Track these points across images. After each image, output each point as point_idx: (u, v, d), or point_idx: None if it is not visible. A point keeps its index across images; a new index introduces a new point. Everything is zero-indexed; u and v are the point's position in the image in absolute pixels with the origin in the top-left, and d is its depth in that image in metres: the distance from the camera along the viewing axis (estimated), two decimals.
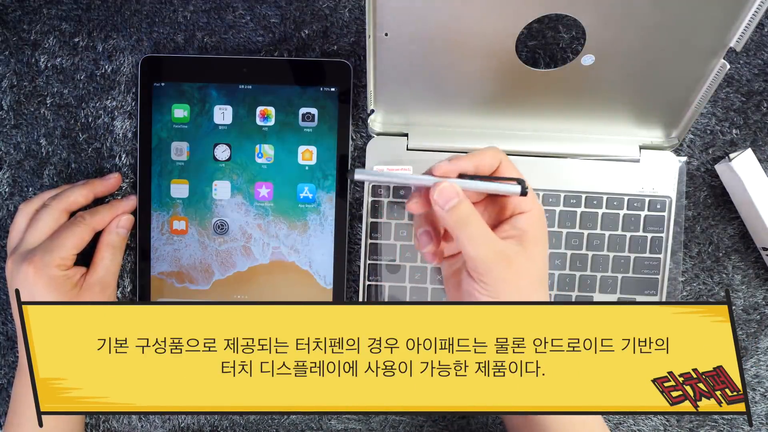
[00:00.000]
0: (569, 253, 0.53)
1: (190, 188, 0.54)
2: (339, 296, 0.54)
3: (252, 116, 0.54)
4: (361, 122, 0.55)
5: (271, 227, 0.54)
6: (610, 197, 0.53)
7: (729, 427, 0.56)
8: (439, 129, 0.53)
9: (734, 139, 0.56)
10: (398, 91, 0.50)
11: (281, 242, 0.54)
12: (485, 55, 0.46)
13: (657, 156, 0.53)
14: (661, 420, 0.56)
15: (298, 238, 0.54)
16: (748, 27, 0.42)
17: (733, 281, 0.56)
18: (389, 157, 0.53)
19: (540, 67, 0.55)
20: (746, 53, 0.55)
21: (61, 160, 0.56)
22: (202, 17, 0.56)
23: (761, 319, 0.56)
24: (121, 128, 0.56)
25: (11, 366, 0.56)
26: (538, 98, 0.50)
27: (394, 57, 0.46)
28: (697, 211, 0.56)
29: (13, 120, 0.56)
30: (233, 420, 0.56)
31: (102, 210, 0.52)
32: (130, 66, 0.56)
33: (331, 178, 0.54)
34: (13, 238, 0.51)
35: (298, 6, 0.55)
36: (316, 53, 0.56)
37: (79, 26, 0.56)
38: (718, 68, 0.46)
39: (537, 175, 0.53)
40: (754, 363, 0.56)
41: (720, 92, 0.55)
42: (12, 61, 0.56)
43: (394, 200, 0.53)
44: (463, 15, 0.43)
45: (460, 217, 0.40)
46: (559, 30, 0.55)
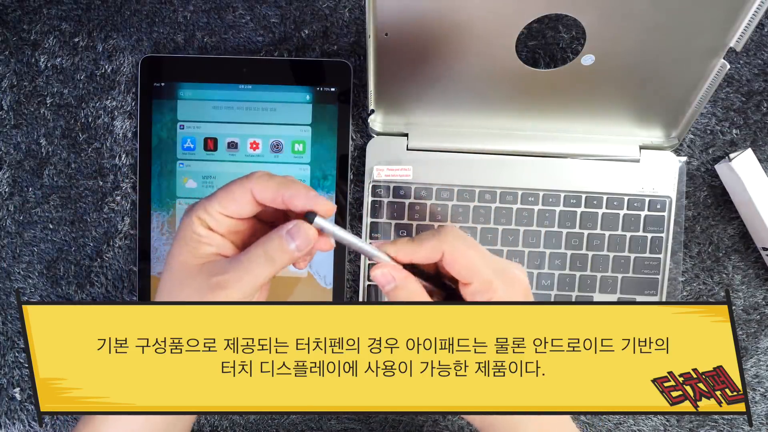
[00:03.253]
0: (569, 253, 0.53)
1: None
2: (339, 296, 0.54)
3: (252, 116, 0.54)
4: (361, 122, 0.55)
5: None
6: (610, 197, 0.53)
7: (729, 427, 0.56)
8: (439, 129, 0.53)
9: (734, 139, 0.56)
10: (398, 91, 0.50)
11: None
12: (485, 55, 0.46)
13: (657, 156, 0.53)
14: (661, 420, 0.56)
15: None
16: (748, 27, 0.42)
17: (733, 281, 0.56)
18: (389, 157, 0.53)
19: (540, 67, 0.55)
20: (746, 53, 0.55)
21: (61, 160, 0.56)
22: (202, 17, 0.56)
23: (761, 319, 0.56)
24: (121, 128, 0.56)
25: (11, 366, 0.56)
26: (538, 98, 0.50)
27: (394, 57, 0.46)
28: (697, 211, 0.56)
29: (13, 120, 0.56)
30: (233, 420, 0.56)
31: (284, 183, 0.37)
32: (130, 66, 0.56)
33: (331, 178, 0.54)
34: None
35: (298, 6, 0.55)
36: (316, 53, 0.56)
37: (79, 26, 0.56)
38: (718, 68, 0.46)
39: (537, 175, 0.53)
40: (754, 363, 0.56)
41: (720, 92, 0.55)
42: (12, 61, 0.56)
43: (394, 200, 0.53)
44: (463, 15, 0.43)
45: (399, 300, 0.38)
46: (559, 30, 0.55)
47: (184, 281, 0.37)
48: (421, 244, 0.37)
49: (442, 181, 0.53)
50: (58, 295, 0.56)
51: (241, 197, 0.37)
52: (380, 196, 0.53)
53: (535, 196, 0.53)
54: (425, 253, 0.37)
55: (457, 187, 0.53)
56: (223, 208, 0.37)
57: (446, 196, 0.53)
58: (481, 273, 0.36)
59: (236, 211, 0.37)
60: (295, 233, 0.36)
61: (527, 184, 0.53)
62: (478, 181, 0.53)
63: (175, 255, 0.38)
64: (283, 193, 0.36)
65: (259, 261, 0.37)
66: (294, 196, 0.36)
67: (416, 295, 0.37)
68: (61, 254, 0.56)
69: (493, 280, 0.36)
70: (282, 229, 0.37)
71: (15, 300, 0.56)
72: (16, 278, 0.56)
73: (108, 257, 0.56)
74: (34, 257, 0.56)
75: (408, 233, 0.53)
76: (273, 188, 0.36)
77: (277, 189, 0.36)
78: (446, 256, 0.37)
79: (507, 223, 0.53)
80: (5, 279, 0.56)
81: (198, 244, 0.37)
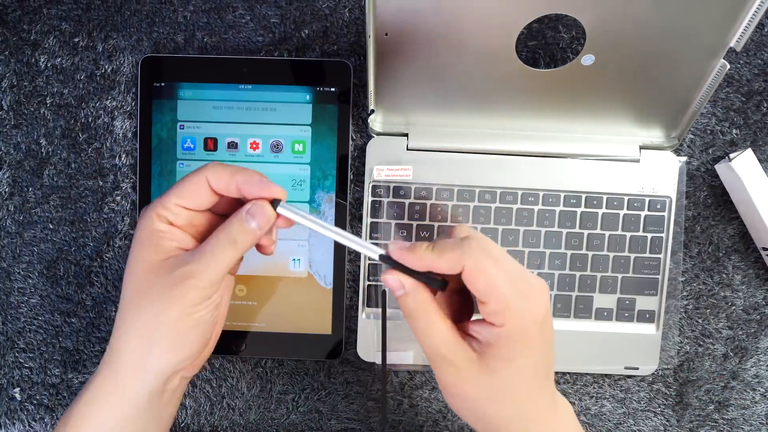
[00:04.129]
0: (569, 253, 0.53)
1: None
2: (339, 296, 0.54)
3: (252, 116, 0.54)
4: (361, 122, 0.55)
5: None
6: (610, 197, 0.53)
7: (729, 427, 0.56)
8: (439, 129, 0.53)
9: (734, 139, 0.56)
10: (398, 91, 0.50)
11: (281, 242, 0.54)
12: (485, 55, 0.46)
13: (657, 156, 0.53)
14: (661, 420, 0.56)
15: (298, 238, 0.54)
16: (748, 27, 0.42)
17: (733, 281, 0.56)
18: (389, 157, 0.53)
19: (540, 67, 0.55)
20: (746, 53, 0.55)
21: (61, 160, 0.56)
22: (202, 17, 0.56)
23: (761, 319, 0.56)
24: (121, 128, 0.56)
25: (11, 366, 0.56)
26: (538, 98, 0.50)
27: (394, 57, 0.46)
28: (697, 211, 0.56)
29: (13, 120, 0.56)
30: (233, 420, 0.56)
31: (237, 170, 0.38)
32: (130, 66, 0.56)
33: (331, 178, 0.54)
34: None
35: (298, 6, 0.55)
36: (316, 53, 0.56)
37: (79, 26, 0.56)
38: (718, 68, 0.46)
39: (537, 175, 0.53)
40: (754, 363, 0.56)
41: (720, 92, 0.55)
42: (12, 61, 0.56)
43: (394, 200, 0.53)
44: (463, 15, 0.43)
45: (406, 308, 0.37)
46: (559, 30, 0.55)
47: (149, 278, 0.37)
48: (441, 254, 0.35)
49: (442, 181, 0.53)
50: (58, 295, 0.56)
51: (197, 187, 0.38)
52: (380, 196, 0.53)
53: (535, 196, 0.53)
54: (445, 265, 0.35)
55: (457, 187, 0.53)
56: (181, 199, 0.38)
57: (446, 196, 0.53)
58: (500, 294, 0.34)
59: (194, 202, 0.38)
60: (254, 212, 0.38)
61: (527, 184, 0.53)
62: (478, 181, 0.53)
63: (136, 256, 0.38)
64: (237, 178, 0.38)
65: (222, 245, 0.37)
66: (247, 182, 0.38)
67: (424, 305, 0.36)
68: (61, 254, 0.56)
69: (510, 302, 0.34)
70: (241, 211, 0.38)
71: (15, 300, 0.56)
72: (16, 278, 0.56)
73: (108, 257, 0.56)
74: (34, 257, 0.56)
75: (408, 233, 0.53)
76: (227, 176, 0.38)
77: (230, 176, 0.38)
78: (467, 271, 0.35)
79: (507, 223, 0.53)
80: (5, 279, 0.56)
81: (160, 240, 0.38)
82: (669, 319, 0.55)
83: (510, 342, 0.35)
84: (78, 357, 0.56)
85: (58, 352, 0.56)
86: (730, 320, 0.56)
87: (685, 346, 0.56)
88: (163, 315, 0.37)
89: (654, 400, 0.56)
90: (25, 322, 0.56)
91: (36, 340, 0.56)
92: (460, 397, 0.37)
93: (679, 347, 0.55)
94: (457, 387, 0.37)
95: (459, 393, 0.37)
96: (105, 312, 0.56)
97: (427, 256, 0.36)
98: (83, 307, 0.56)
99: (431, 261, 0.36)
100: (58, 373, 0.56)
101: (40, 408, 0.56)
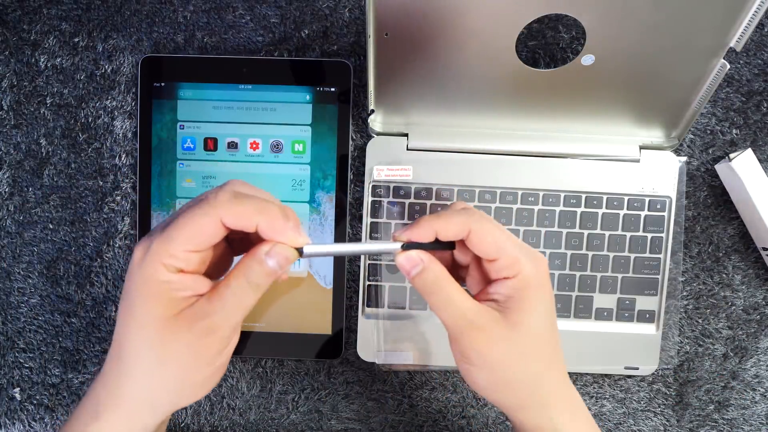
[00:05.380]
0: (569, 253, 0.53)
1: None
2: (339, 296, 0.54)
3: (252, 116, 0.54)
4: (361, 122, 0.55)
5: None
6: (610, 197, 0.53)
7: (729, 427, 0.56)
8: (439, 129, 0.53)
9: (734, 139, 0.56)
10: (398, 91, 0.50)
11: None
12: (485, 55, 0.46)
13: (657, 156, 0.53)
14: (661, 420, 0.56)
15: None
16: (748, 27, 0.42)
17: (733, 281, 0.56)
18: (389, 157, 0.53)
19: (540, 67, 0.55)
20: (746, 53, 0.55)
21: (61, 160, 0.56)
22: (202, 17, 0.56)
23: (761, 319, 0.56)
24: (121, 128, 0.56)
25: (11, 366, 0.56)
26: (538, 98, 0.50)
27: (394, 57, 0.46)
28: (697, 211, 0.56)
29: (13, 120, 0.56)
30: (233, 420, 0.56)
31: (252, 201, 0.34)
32: (130, 66, 0.56)
33: (331, 178, 0.54)
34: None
35: (298, 6, 0.55)
36: (316, 53, 0.56)
37: (79, 26, 0.56)
38: (718, 68, 0.46)
39: (537, 175, 0.53)
40: (754, 363, 0.56)
41: (720, 92, 0.55)
42: (12, 61, 0.56)
43: (394, 200, 0.53)
44: (463, 15, 0.43)
45: (426, 283, 0.37)
46: (559, 30, 0.55)
47: (164, 336, 0.33)
48: (449, 219, 0.37)
49: (442, 181, 0.53)
50: (57, 295, 0.56)
51: (209, 228, 0.33)
52: (380, 196, 0.53)
53: (535, 196, 0.53)
54: (453, 229, 0.37)
55: (457, 187, 0.53)
56: (190, 244, 0.33)
57: (446, 196, 0.53)
58: (508, 250, 0.36)
59: (204, 244, 0.34)
60: (274, 254, 0.35)
61: (527, 184, 0.53)
62: (478, 181, 0.53)
63: (142, 311, 0.33)
64: (258, 222, 0.34)
65: (243, 290, 0.34)
66: (270, 228, 0.34)
67: (442, 278, 0.37)
68: (61, 254, 0.56)
69: (519, 257, 0.36)
70: (259, 252, 0.34)
71: (15, 300, 0.56)
72: (16, 278, 0.56)
73: (108, 257, 0.56)
74: (34, 257, 0.56)
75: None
76: (245, 217, 0.33)
77: (249, 218, 0.33)
78: (473, 233, 0.36)
79: (507, 223, 0.53)
80: (5, 279, 0.56)
81: (171, 294, 0.33)
82: (669, 319, 0.55)
83: (528, 288, 0.37)
84: (78, 357, 0.56)
85: (58, 352, 0.56)
86: (730, 320, 0.56)
87: (685, 346, 0.56)
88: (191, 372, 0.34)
89: (654, 400, 0.56)
90: (25, 322, 0.56)
91: (36, 340, 0.56)
92: (487, 368, 0.37)
93: (679, 347, 0.55)
94: (486, 354, 0.37)
95: (487, 361, 0.37)
96: (105, 312, 0.56)
97: (436, 222, 0.37)
98: (83, 307, 0.56)
99: (440, 226, 0.37)
100: (58, 373, 0.56)
101: (40, 408, 0.56)
